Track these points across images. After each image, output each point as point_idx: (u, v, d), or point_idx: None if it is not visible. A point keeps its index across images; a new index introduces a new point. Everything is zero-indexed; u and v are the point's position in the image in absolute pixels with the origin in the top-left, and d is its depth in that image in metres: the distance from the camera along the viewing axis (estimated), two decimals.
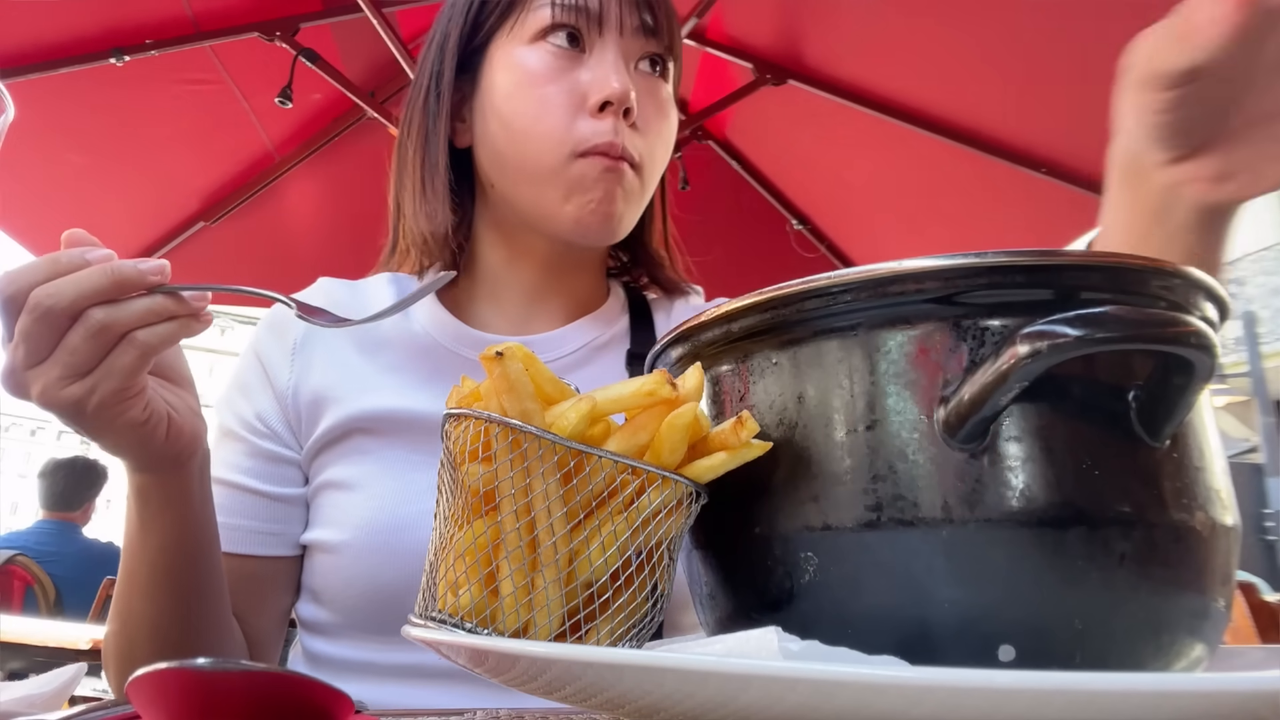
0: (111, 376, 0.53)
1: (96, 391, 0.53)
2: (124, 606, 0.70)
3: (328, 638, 0.78)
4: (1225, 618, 0.37)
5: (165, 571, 0.67)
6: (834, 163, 2.64)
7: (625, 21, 0.78)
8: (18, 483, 33.62)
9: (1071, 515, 0.33)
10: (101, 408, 0.54)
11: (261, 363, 0.82)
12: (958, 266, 0.35)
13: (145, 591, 0.68)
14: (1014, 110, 2.22)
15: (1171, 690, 0.23)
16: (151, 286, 0.54)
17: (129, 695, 0.36)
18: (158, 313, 0.54)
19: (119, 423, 0.56)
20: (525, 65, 0.77)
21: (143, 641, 0.69)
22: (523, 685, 0.35)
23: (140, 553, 0.66)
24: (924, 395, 0.35)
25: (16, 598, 3.23)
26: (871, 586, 0.35)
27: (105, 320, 0.52)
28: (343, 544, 0.75)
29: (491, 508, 0.39)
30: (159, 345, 0.55)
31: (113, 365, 0.53)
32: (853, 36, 2.23)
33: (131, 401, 0.56)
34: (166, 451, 0.61)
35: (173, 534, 0.66)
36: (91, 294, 0.52)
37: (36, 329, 0.52)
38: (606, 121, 0.75)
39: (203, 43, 2.08)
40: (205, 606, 0.70)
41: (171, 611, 0.68)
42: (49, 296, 0.51)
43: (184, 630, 0.70)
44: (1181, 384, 0.34)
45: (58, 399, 0.53)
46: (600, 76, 0.75)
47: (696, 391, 0.40)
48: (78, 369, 0.53)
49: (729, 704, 0.27)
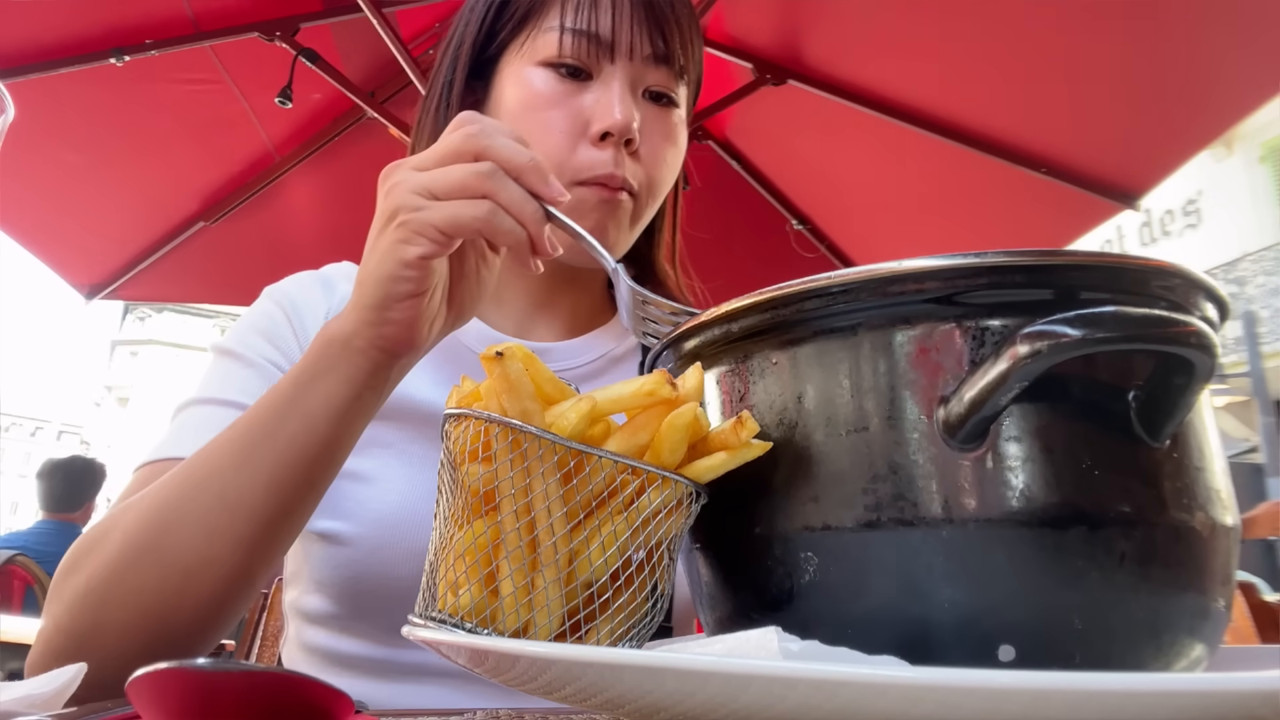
0: (442, 210, 0.54)
1: (420, 212, 0.54)
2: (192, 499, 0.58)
3: (331, 631, 0.77)
4: (1225, 618, 0.37)
5: (288, 444, 0.58)
6: (834, 163, 2.64)
7: (636, 48, 0.76)
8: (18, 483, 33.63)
9: (1071, 515, 0.33)
10: (405, 225, 0.55)
11: (291, 318, 0.80)
12: (958, 266, 0.35)
13: (247, 464, 0.58)
14: (1014, 110, 2.22)
15: (1171, 690, 0.23)
16: (541, 196, 0.55)
17: (129, 695, 0.36)
18: (521, 208, 0.55)
19: (399, 250, 0.55)
20: (532, 86, 0.76)
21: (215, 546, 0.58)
22: (523, 685, 0.35)
23: (271, 419, 0.59)
24: (924, 395, 0.35)
25: (16, 598, 3.23)
26: (871, 586, 0.35)
27: (491, 172, 0.54)
28: (356, 537, 0.74)
29: (491, 508, 0.39)
30: (494, 228, 0.55)
31: (451, 206, 0.54)
32: (853, 36, 2.23)
33: (428, 244, 0.55)
34: (391, 311, 0.57)
35: (323, 406, 0.58)
36: (509, 155, 0.54)
37: (453, 143, 0.55)
38: (606, 152, 0.74)
39: (203, 43, 2.08)
40: (266, 568, 0.62)
41: (263, 506, 0.58)
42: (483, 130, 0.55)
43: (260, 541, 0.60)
44: (1181, 384, 0.34)
45: (398, 197, 0.55)
46: (604, 105, 0.75)
47: (696, 391, 0.40)
48: (434, 188, 0.55)
49: (729, 704, 0.27)
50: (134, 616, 0.58)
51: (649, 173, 0.78)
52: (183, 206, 2.50)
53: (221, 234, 2.54)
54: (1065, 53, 2.01)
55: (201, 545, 0.58)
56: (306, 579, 0.79)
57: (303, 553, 0.80)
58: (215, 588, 0.59)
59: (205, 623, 0.60)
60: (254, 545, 0.59)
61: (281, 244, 2.67)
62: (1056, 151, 2.23)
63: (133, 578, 0.58)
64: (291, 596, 0.82)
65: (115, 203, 2.46)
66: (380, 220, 0.57)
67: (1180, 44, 1.90)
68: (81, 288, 2.62)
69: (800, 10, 2.20)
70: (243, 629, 1.63)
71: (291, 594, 0.82)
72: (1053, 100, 2.15)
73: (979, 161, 2.28)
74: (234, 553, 0.58)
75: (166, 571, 0.58)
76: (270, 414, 0.59)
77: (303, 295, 0.82)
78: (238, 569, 0.59)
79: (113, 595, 0.58)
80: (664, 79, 0.79)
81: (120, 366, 39.70)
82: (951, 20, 2.03)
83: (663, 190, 0.81)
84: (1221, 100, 2.01)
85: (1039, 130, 2.23)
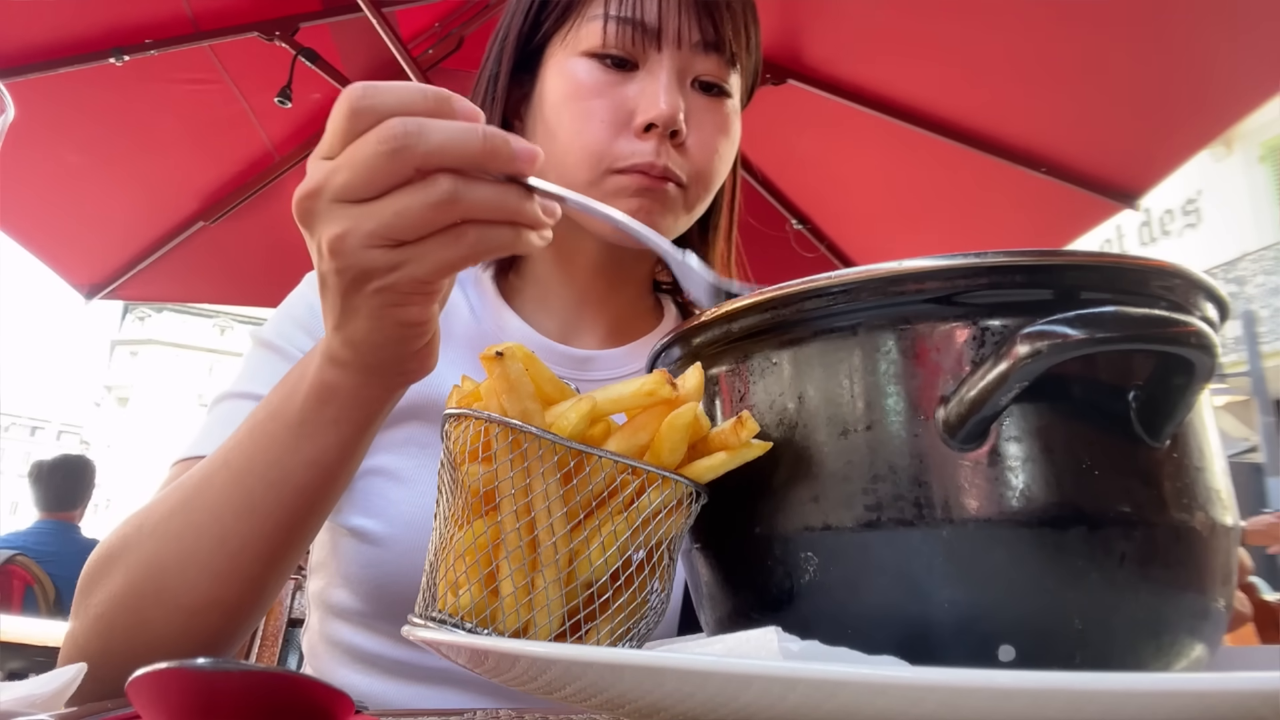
0: (423, 262, 0.44)
1: (399, 271, 0.45)
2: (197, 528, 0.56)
3: (355, 626, 0.76)
4: (1225, 618, 0.37)
5: (295, 494, 0.55)
6: (834, 163, 2.64)
7: (685, 35, 0.73)
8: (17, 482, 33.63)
9: (1071, 515, 0.33)
10: (390, 290, 0.45)
11: None
12: (958, 266, 0.35)
13: (250, 513, 0.55)
14: (1014, 110, 2.22)
15: (1171, 690, 0.23)
16: (513, 173, 0.44)
17: (129, 695, 0.36)
18: (504, 210, 0.44)
19: (393, 314, 0.47)
20: (575, 76, 0.74)
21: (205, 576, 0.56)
22: (523, 685, 0.35)
23: (272, 467, 0.55)
24: (924, 395, 0.35)
25: (16, 598, 3.22)
26: (871, 586, 0.35)
27: (454, 194, 0.43)
28: (389, 537, 0.73)
29: (491, 508, 0.39)
30: (488, 250, 0.45)
31: (431, 251, 0.44)
32: (853, 36, 2.23)
33: (422, 299, 0.47)
34: (404, 365, 0.52)
35: (335, 452, 0.55)
36: (456, 152, 0.42)
37: (377, 162, 0.42)
38: (650, 142, 0.71)
39: (202, 42, 2.08)
40: (272, 594, 0.60)
41: (269, 549, 0.56)
42: (411, 134, 0.42)
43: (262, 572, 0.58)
44: (1181, 384, 0.34)
45: (355, 256, 0.44)
46: (649, 95, 0.72)
47: (696, 391, 0.40)
48: (395, 234, 0.43)
49: (729, 704, 0.27)
50: (141, 649, 0.57)
51: (698, 165, 0.74)
52: (182, 206, 2.50)
53: (221, 234, 2.55)
54: (1065, 52, 2.01)
55: (206, 588, 0.56)
56: (333, 571, 0.78)
57: (330, 543, 0.79)
58: (223, 625, 0.58)
59: (214, 651, 0.60)
60: (261, 583, 0.58)
61: (281, 243, 2.67)
62: (1056, 151, 2.23)
63: (138, 614, 0.57)
64: (317, 586, 0.81)
65: (115, 203, 2.46)
66: (341, 280, 0.46)
67: (1180, 44, 1.90)
68: (81, 287, 2.62)
69: (800, 10, 2.20)
70: None
71: (317, 583, 0.81)
72: (1053, 100, 2.15)
73: (979, 161, 2.28)
74: (239, 591, 0.57)
75: (170, 612, 0.57)
76: (270, 462, 0.55)
77: None
78: (244, 605, 0.58)
79: (118, 626, 0.58)
80: (714, 68, 0.75)
81: (120, 366, 39.71)
82: (951, 20, 2.03)
83: (715, 181, 0.78)
84: (1221, 100, 2.01)
85: (1039, 130, 2.23)
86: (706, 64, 0.75)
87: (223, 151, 2.43)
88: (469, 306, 0.84)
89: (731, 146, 0.79)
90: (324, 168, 0.44)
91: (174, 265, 2.61)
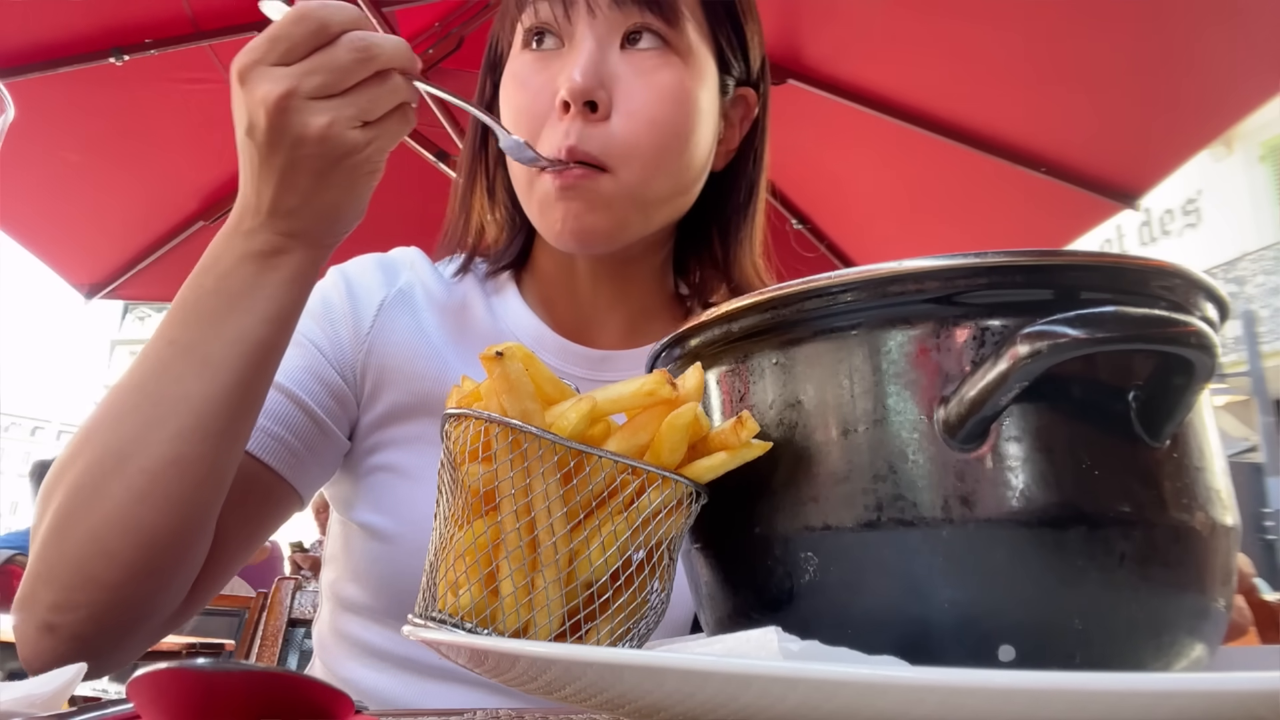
0: (389, 135, 0.59)
1: (374, 144, 0.58)
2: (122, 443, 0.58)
3: (366, 621, 0.77)
4: (1225, 618, 0.37)
5: (254, 349, 0.59)
6: (834, 163, 2.64)
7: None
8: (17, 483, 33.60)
9: (1071, 515, 0.33)
10: (368, 160, 0.59)
11: (347, 298, 0.78)
12: (958, 266, 0.35)
13: (210, 370, 0.58)
14: (1014, 110, 2.22)
15: (1171, 690, 0.23)
16: (412, 74, 0.59)
17: (129, 695, 0.36)
18: (416, 94, 0.60)
19: (367, 180, 0.60)
20: (514, 73, 0.73)
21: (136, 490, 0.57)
22: (523, 685, 0.35)
23: (228, 327, 0.59)
24: (924, 395, 0.35)
25: None
26: (871, 586, 0.35)
27: (402, 87, 0.58)
28: (398, 535, 0.73)
29: (491, 508, 0.39)
30: (410, 125, 0.60)
31: (392, 126, 0.59)
32: (852, 36, 2.23)
33: (380, 167, 0.61)
34: (350, 223, 0.62)
35: (289, 307, 0.61)
36: (399, 59, 0.57)
37: (353, 68, 0.55)
38: (562, 123, 0.67)
39: (202, 42, 2.08)
40: (231, 461, 0.61)
41: (227, 405, 0.59)
42: (374, 45, 0.56)
43: (204, 481, 0.59)
44: (1181, 384, 0.34)
45: (343, 137, 0.56)
46: (566, 70, 0.67)
47: (696, 391, 0.40)
48: (369, 117, 0.57)
49: (729, 704, 0.27)
50: (99, 527, 0.57)
51: (626, 135, 0.67)
52: (182, 206, 2.50)
53: None
54: (1065, 52, 2.01)
55: (166, 448, 0.58)
56: (345, 565, 0.78)
57: (343, 537, 0.79)
58: (184, 488, 0.58)
59: (180, 527, 0.59)
60: (219, 443, 0.59)
61: None
62: (1056, 151, 2.23)
63: (97, 490, 0.58)
64: (330, 578, 0.81)
65: (115, 202, 2.46)
66: (321, 161, 0.57)
67: (1180, 44, 1.90)
68: (81, 287, 2.62)
69: (800, 10, 2.20)
70: (242, 629, 1.63)
71: (330, 575, 0.81)
72: (1052, 100, 2.15)
73: (979, 161, 2.28)
74: (200, 451, 0.58)
75: (130, 478, 0.57)
76: (227, 323, 0.59)
77: (362, 278, 0.80)
78: (203, 464, 0.59)
79: (78, 510, 0.58)
80: (639, 17, 0.68)
81: (120, 366, 39.74)
82: (951, 20, 2.03)
83: (659, 157, 0.69)
84: (1221, 100, 2.01)
85: (1039, 130, 2.23)
86: (629, 17, 0.68)
87: (223, 151, 2.42)
88: (486, 305, 0.82)
89: (672, 106, 0.69)
90: (291, 72, 0.55)
91: (174, 265, 2.60)
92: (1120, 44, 1.95)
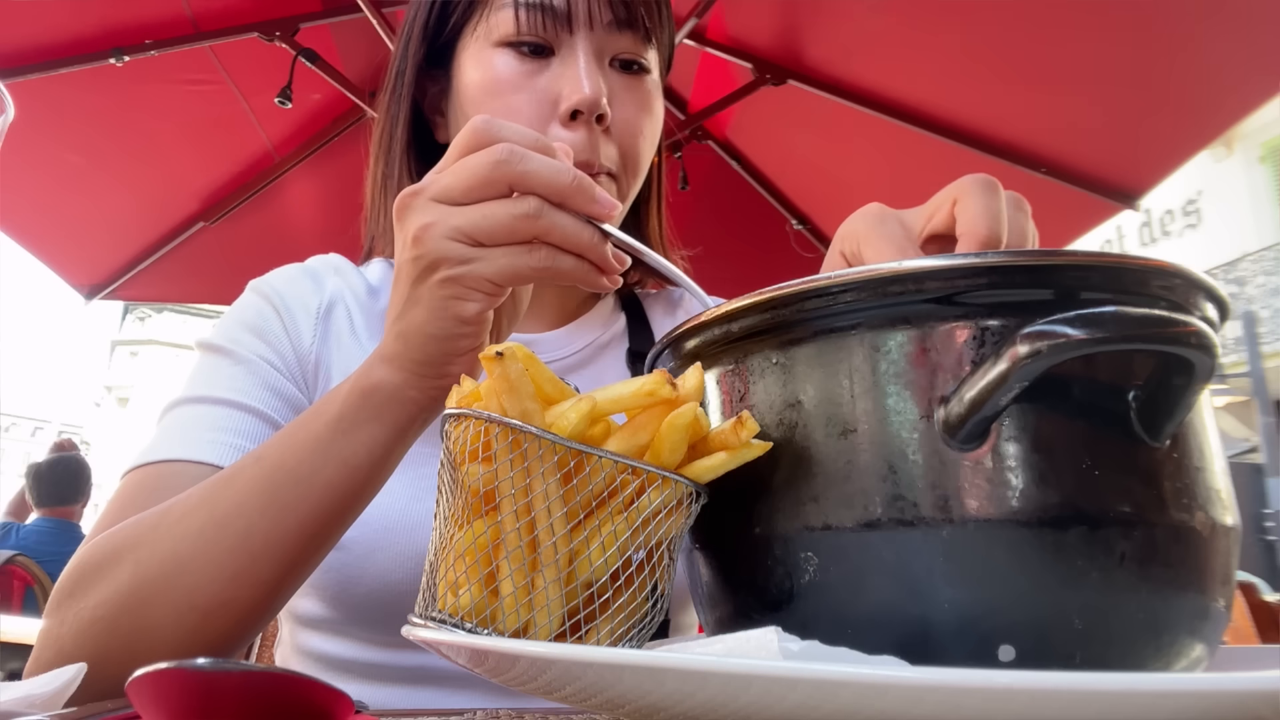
0: (493, 263, 0.50)
1: (469, 265, 0.50)
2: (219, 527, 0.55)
3: (325, 635, 0.76)
4: (1225, 618, 0.37)
5: (322, 492, 0.55)
6: (834, 163, 2.64)
7: (596, 15, 0.72)
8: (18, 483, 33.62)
9: (1071, 515, 0.33)
10: (455, 281, 0.51)
11: (281, 314, 0.77)
12: (958, 266, 0.35)
13: (276, 510, 0.55)
14: (1014, 110, 2.22)
15: (1171, 690, 0.23)
16: (592, 214, 0.51)
17: (129, 695, 0.36)
18: (577, 240, 0.50)
19: (453, 306, 0.52)
20: (493, 69, 0.73)
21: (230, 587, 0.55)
22: (523, 685, 0.35)
23: (303, 464, 0.55)
24: (924, 395, 0.35)
25: (16, 598, 3.22)
26: (871, 586, 0.35)
27: (536, 211, 0.49)
28: (349, 541, 0.71)
29: (491, 508, 0.39)
30: (554, 271, 0.51)
31: (502, 255, 0.50)
32: (852, 36, 2.23)
33: (481, 298, 0.52)
34: (448, 365, 0.55)
35: (365, 452, 0.56)
36: (548, 179, 0.49)
37: (480, 172, 0.50)
38: (579, 133, 0.70)
39: (202, 43, 2.08)
40: (312, 562, 0.59)
41: (289, 551, 0.56)
42: (514, 156, 0.49)
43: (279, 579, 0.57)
44: (1181, 384, 0.34)
45: (436, 244, 0.50)
46: (570, 79, 0.70)
47: (696, 391, 0.40)
48: (476, 233, 0.50)
49: (729, 704, 0.27)
50: (142, 651, 0.55)
51: (625, 148, 0.74)
52: (183, 206, 2.50)
53: (221, 234, 2.54)
54: (1065, 52, 2.01)
55: (220, 588, 0.56)
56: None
57: None
58: (231, 629, 0.57)
59: (218, 656, 0.58)
60: (277, 587, 0.57)
61: (281, 244, 2.67)
62: (1056, 151, 2.23)
63: (144, 614, 0.56)
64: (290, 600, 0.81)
65: (115, 203, 2.45)
66: (415, 267, 0.52)
67: (1180, 44, 1.90)
68: (81, 288, 2.62)
69: (800, 10, 2.20)
70: None
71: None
72: (1053, 100, 2.15)
73: (979, 161, 2.28)
74: (254, 594, 0.56)
75: (182, 611, 0.56)
76: (303, 458, 0.56)
77: (292, 290, 0.80)
78: (257, 609, 0.57)
79: (121, 628, 0.56)
80: (631, 45, 0.74)
81: (120, 367, 39.69)
82: (951, 20, 2.03)
83: (643, 165, 0.76)
84: (1221, 100, 2.01)
85: (1039, 130, 2.23)
86: (622, 42, 0.74)
87: (223, 152, 2.43)
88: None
89: (655, 124, 0.77)
90: (432, 174, 0.52)
91: (174, 266, 2.61)
92: (1120, 44, 1.95)
